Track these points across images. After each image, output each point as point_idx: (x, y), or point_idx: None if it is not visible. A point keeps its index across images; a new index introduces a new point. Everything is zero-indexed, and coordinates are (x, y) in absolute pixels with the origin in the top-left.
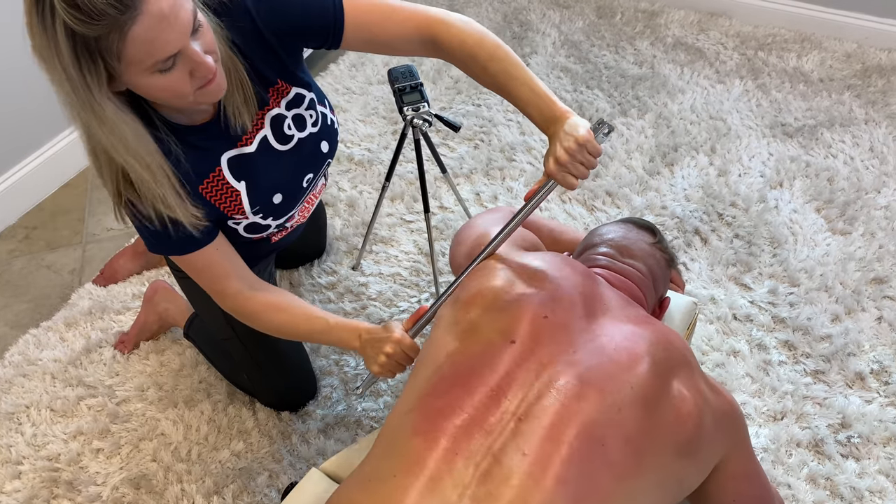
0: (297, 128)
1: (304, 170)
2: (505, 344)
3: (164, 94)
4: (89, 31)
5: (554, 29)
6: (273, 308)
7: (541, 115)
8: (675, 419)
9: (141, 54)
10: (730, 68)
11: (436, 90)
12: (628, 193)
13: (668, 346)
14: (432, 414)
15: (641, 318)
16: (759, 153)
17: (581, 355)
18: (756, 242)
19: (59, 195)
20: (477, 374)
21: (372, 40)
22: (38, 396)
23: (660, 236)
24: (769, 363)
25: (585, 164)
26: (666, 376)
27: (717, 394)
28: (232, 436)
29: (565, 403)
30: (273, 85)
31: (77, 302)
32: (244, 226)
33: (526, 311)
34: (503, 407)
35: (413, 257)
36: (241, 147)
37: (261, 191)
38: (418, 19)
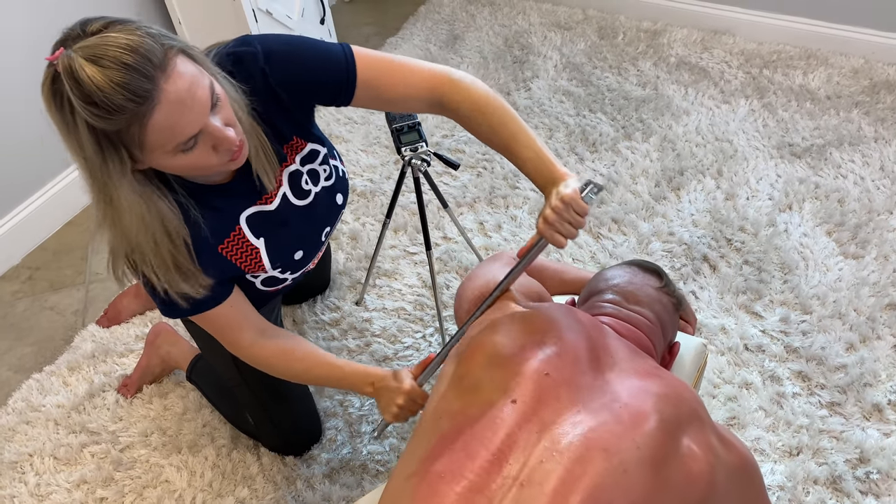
0: (312, 182)
1: (323, 223)
2: (506, 403)
3: (190, 169)
4: (109, 126)
5: (555, 51)
6: (287, 356)
7: (540, 177)
8: (685, 479)
9: (162, 140)
10: (735, 87)
11: (436, 119)
12: (634, 220)
13: (677, 400)
14: (433, 480)
15: (650, 371)
16: (767, 175)
17: (585, 415)
18: (766, 269)
19: (63, 233)
20: (478, 437)
21: (381, 98)
22: (41, 444)
23: (666, 279)
24: (783, 395)
25: (572, 223)
26: (675, 433)
27: (728, 448)
28: (236, 482)
29: (568, 467)
30: (288, 141)
31: (80, 345)
32: (262, 279)
33: (528, 368)
34: (505, 472)
35: (417, 290)
36: (260, 205)
37: (282, 247)
38: (427, 81)
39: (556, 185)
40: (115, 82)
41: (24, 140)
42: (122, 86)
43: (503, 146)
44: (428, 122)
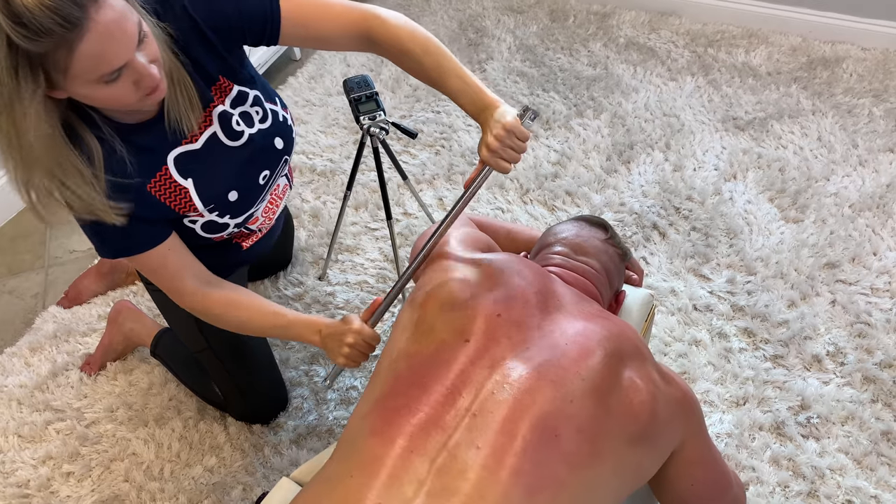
0: (245, 124)
1: (259, 167)
2: (459, 343)
3: (107, 102)
4: (35, 48)
5: (509, 34)
6: (232, 305)
7: (472, 105)
8: (628, 408)
9: (87, 68)
10: (681, 66)
11: (395, 98)
12: (587, 192)
13: (620, 338)
14: (389, 414)
15: (595, 314)
16: (713, 147)
17: (534, 351)
18: (713, 234)
19: (19, 219)
20: (432, 374)
21: (309, 36)
22: (4, 423)
23: (612, 232)
24: (730, 351)
25: (515, 149)
26: (617, 367)
27: (669, 382)
28: (204, 451)
29: (517, 397)
30: (215, 83)
31: (41, 326)
32: (201, 224)
33: (480, 310)
34: (458, 404)
35: (379, 264)
36: (186, 144)
37: (211, 187)
38: (354, 16)
39: (490, 111)
40: (44, 5)
41: None
42: (52, 9)
43: (432, 78)
44: (386, 104)
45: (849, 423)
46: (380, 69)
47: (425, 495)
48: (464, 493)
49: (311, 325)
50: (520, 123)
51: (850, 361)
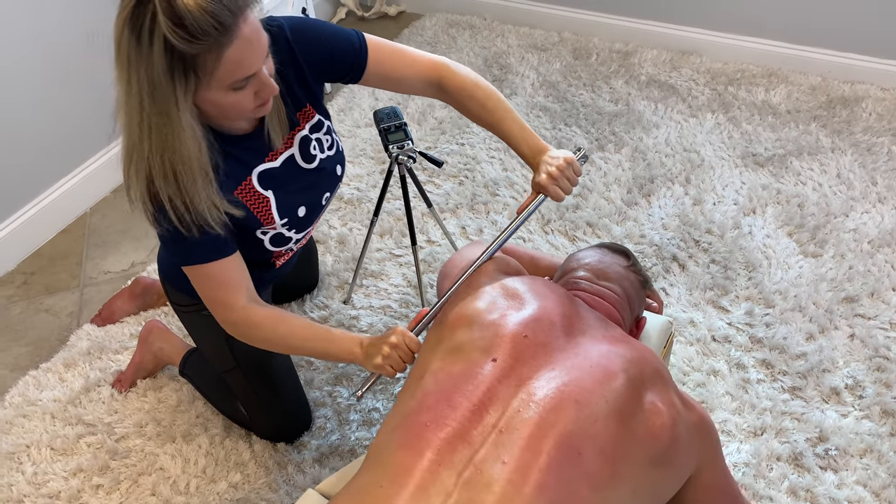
0: (319, 150)
1: (323, 189)
2: (486, 361)
3: (229, 109)
4: (190, 49)
5: (532, 71)
6: (274, 320)
7: (528, 148)
8: (650, 431)
9: (228, 73)
10: (702, 103)
11: (421, 130)
12: (608, 224)
13: (642, 362)
14: (417, 428)
15: (618, 337)
16: (732, 182)
17: (558, 372)
18: (732, 267)
19: (57, 241)
20: (460, 391)
21: (387, 78)
22: (38, 436)
23: (633, 259)
24: (748, 381)
25: (570, 181)
26: (640, 390)
27: (689, 408)
28: (229, 468)
29: (543, 415)
30: (302, 108)
31: (76, 343)
32: (270, 236)
33: (507, 330)
34: (485, 420)
35: (402, 290)
36: (268, 162)
37: (287, 203)
38: (427, 63)
39: (544, 153)
40: (205, 9)
41: (22, 149)
42: (211, 13)
43: (492, 122)
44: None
45: (867, 455)
46: (407, 102)
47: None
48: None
49: (353, 339)
50: (576, 160)
51: (868, 395)
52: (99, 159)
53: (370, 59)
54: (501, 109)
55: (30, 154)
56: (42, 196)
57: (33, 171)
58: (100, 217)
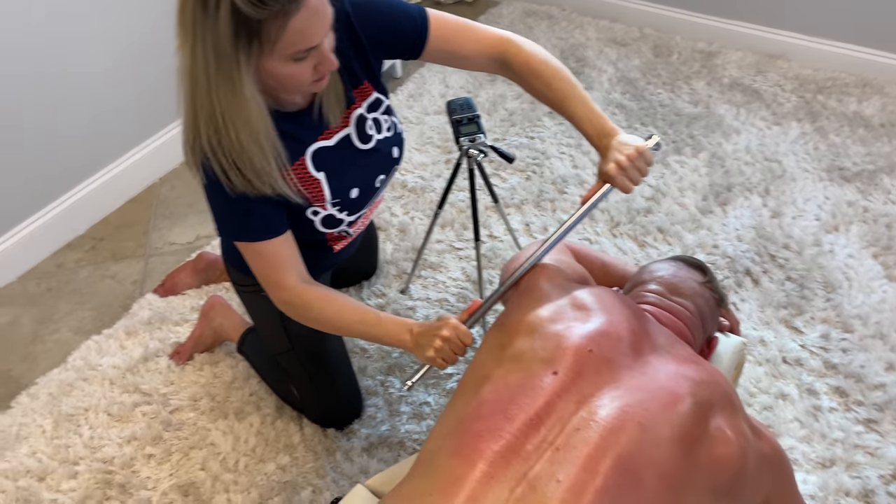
0: (375, 130)
1: (378, 170)
2: (547, 374)
3: (287, 80)
4: (256, 14)
5: (610, 66)
6: (326, 300)
7: (594, 130)
8: (716, 460)
9: (292, 42)
10: (787, 110)
11: (490, 122)
12: (680, 231)
13: (712, 386)
14: (471, 437)
15: (688, 358)
16: (815, 196)
17: (623, 391)
18: (809, 286)
19: (126, 209)
20: (517, 402)
21: (449, 53)
22: (96, 400)
23: (710, 275)
24: (819, 409)
25: (640, 172)
26: (708, 417)
27: (760, 437)
28: (279, 449)
29: (603, 435)
30: (359, 86)
31: (137, 312)
32: (321, 217)
33: (571, 343)
34: (541, 435)
35: (461, 284)
36: (322, 141)
37: (340, 183)
38: (492, 39)
39: (612, 137)
40: None
41: (98, 116)
42: None
43: (557, 102)
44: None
45: None
46: (478, 92)
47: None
48: None
49: (404, 324)
50: (647, 148)
51: None
52: (171, 130)
53: (431, 35)
54: (568, 86)
55: (104, 122)
56: (114, 164)
57: (107, 140)
58: (169, 188)
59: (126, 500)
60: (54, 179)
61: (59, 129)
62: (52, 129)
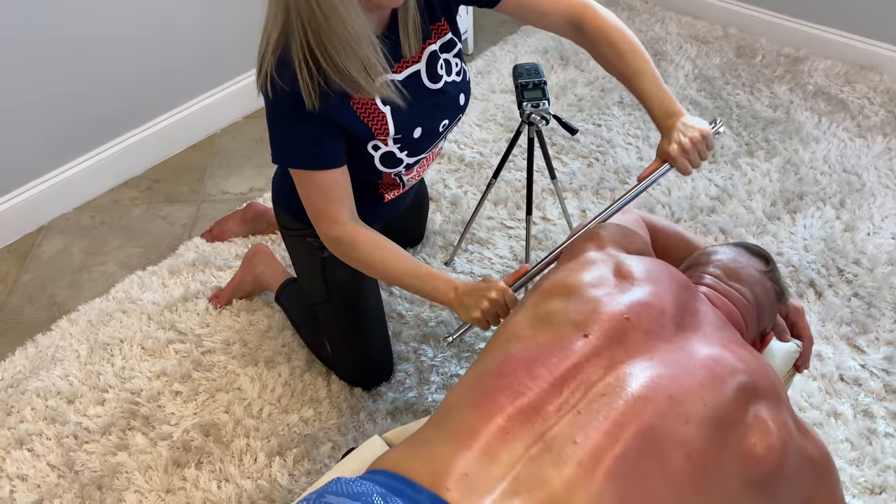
0: (445, 71)
1: (444, 114)
2: (577, 336)
3: None
4: None
5: (689, 62)
6: (374, 244)
7: (660, 108)
8: (752, 449)
9: None
10: (873, 123)
11: (558, 105)
12: (743, 234)
13: (758, 374)
14: (492, 391)
15: (736, 342)
16: (894, 214)
17: (657, 362)
18: (877, 305)
19: (186, 154)
20: (543, 361)
21: (525, 6)
22: (132, 333)
23: (773, 265)
24: (874, 432)
25: (701, 155)
26: (748, 403)
27: (805, 435)
28: (304, 402)
29: (629, 403)
30: (437, 21)
31: (183, 253)
32: (381, 154)
33: (607, 308)
34: (564, 397)
35: (507, 262)
36: (392, 73)
37: (404, 119)
38: (572, 1)
39: (677, 118)
40: None
41: (165, 63)
42: None
43: (627, 75)
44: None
45: None
46: (549, 75)
47: (513, 479)
48: (553, 485)
49: (449, 281)
50: (711, 133)
51: None
52: (238, 83)
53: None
54: (641, 61)
55: (171, 68)
56: (179, 109)
57: (173, 84)
58: (229, 139)
59: (148, 432)
60: (119, 117)
61: (130, 68)
62: (124, 67)
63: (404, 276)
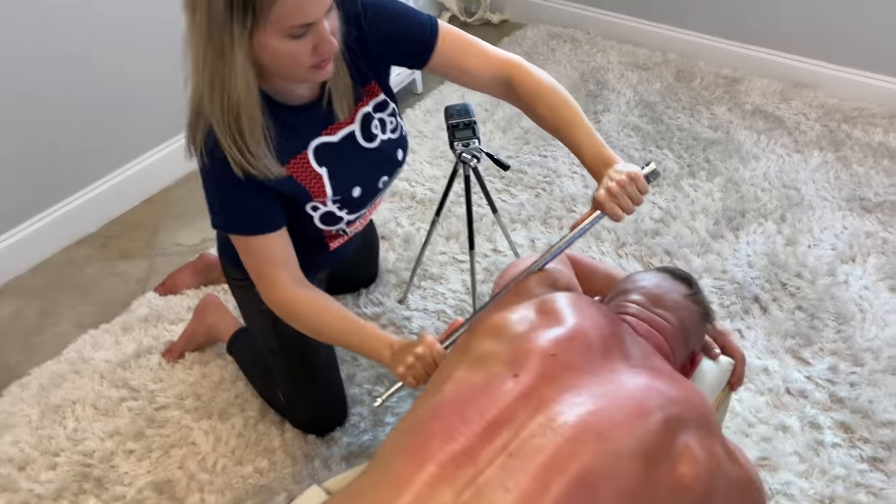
0: (380, 130)
1: (382, 171)
2: (508, 377)
3: (285, 59)
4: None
5: (630, 89)
6: (315, 306)
7: (594, 159)
8: (681, 480)
9: (286, 15)
10: (809, 138)
11: (504, 139)
12: (688, 254)
13: (686, 403)
14: (424, 436)
15: (663, 372)
16: (833, 226)
17: (585, 398)
18: (819, 316)
19: (140, 208)
20: (475, 404)
21: (455, 68)
22: (84, 393)
23: (696, 288)
24: (821, 443)
25: (633, 199)
26: (676, 433)
27: (735, 463)
28: (258, 452)
29: (560, 444)
30: (367, 84)
31: (136, 309)
32: (321, 214)
33: (535, 346)
34: (496, 441)
35: (459, 296)
36: (326, 136)
37: (342, 180)
38: (501, 59)
39: (609, 166)
40: None
41: (114, 118)
42: None
43: (559, 128)
44: (494, 143)
45: None
46: (495, 109)
47: None
48: None
49: (384, 340)
50: (642, 175)
51: None
52: None
53: (439, 46)
54: (571, 114)
55: (121, 123)
56: (131, 164)
57: (125, 140)
58: (185, 190)
59: (101, 494)
60: (72, 176)
61: (81, 127)
62: (75, 127)
63: (341, 335)
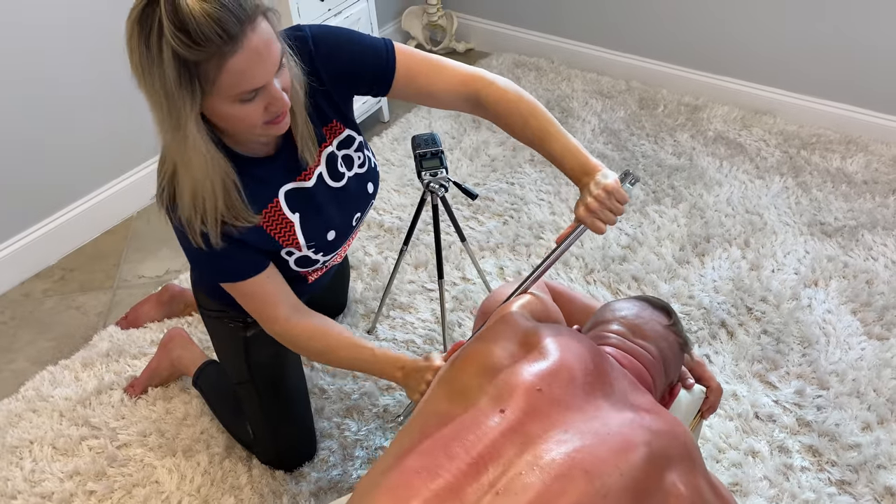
0: (346, 167)
1: (353, 208)
2: (494, 412)
3: (237, 122)
4: (192, 56)
5: (595, 117)
6: (320, 332)
7: (574, 167)
8: None
9: (232, 84)
10: (770, 164)
11: (472, 167)
12: (655, 280)
13: (669, 436)
14: (408, 474)
15: (646, 406)
16: (795, 250)
17: (571, 434)
18: (785, 340)
19: (101, 241)
20: (460, 440)
21: (419, 90)
22: (43, 433)
23: (675, 318)
24: (790, 468)
25: (613, 211)
26: (661, 468)
27: (718, 496)
28: (224, 490)
29: (548, 483)
30: (328, 124)
31: (97, 343)
32: (295, 258)
33: (520, 381)
34: (482, 478)
35: (429, 325)
36: (299, 181)
37: (315, 225)
38: (463, 76)
39: (591, 175)
40: (209, 15)
41: (75, 149)
42: (215, 20)
43: (535, 139)
44: (462, 171)
45: None
46: (461, 137)
47: None
48: None
49: (395, 361)
50: (621, 186)
51: None
52: (151, 164)
53: (399, 72)
54: (546, 123)
55: (82, 154)
56: (91, 195)
57: (84, 171)
58: (144, 222)
59: None
60: (29, 208)
61: (38, 158)
62: (31, 159)
63: (351, 360)
